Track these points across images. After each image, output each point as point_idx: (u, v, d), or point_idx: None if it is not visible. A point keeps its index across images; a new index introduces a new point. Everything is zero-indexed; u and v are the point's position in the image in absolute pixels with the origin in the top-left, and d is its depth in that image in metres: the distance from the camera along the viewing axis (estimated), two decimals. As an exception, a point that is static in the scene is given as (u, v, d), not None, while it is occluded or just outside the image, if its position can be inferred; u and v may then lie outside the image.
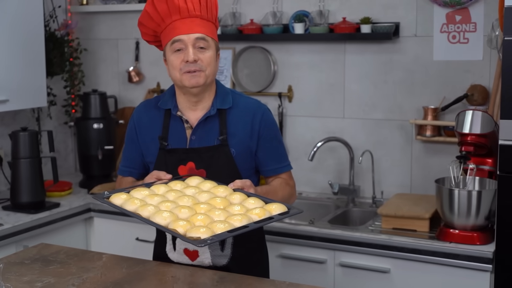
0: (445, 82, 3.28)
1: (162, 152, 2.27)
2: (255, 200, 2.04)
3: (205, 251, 2.21)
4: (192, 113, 2.28)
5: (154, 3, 2.19)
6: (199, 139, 2.26)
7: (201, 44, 2.18)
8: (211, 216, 1.93)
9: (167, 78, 3.95)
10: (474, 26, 3.21)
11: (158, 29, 2.24)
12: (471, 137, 2.82)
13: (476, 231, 2.72)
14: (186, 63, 2.17)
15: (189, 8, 2.17)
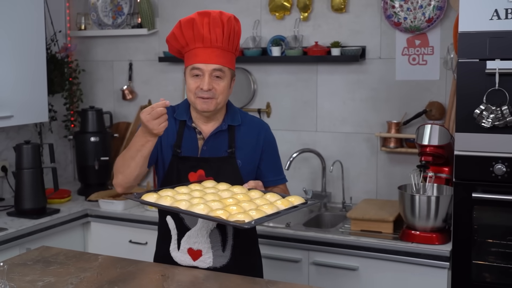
0: (406, 99, 3.30)
1: (175, 158, 2.23)
2: (272, 195, 2.06)
3: (208, 251, 2.18)
4: (205, 126, 2.26)
5: (182, 28, 2.18)
6: (210, 150, 2.24)
7: (217, 74, 2.17)
8: (242, 206, 1.93)
9: (157, 95, 3.97)
10: (431, 50, 3.24)
11: (182, 50, 2.24)
12: (429, 148, 2.84)
13: (435, 232, 2.73)
14: (201, 90, 2.16)
15: (212, 38, 2.15)
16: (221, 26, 2.16)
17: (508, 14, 2.39)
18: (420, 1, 3.20)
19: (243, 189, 2.10)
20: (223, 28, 2.16)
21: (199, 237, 2.19)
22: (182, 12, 3.83)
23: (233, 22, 2.20)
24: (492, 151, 2.47)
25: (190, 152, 2.24)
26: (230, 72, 2.22)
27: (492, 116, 2.42)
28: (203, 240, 2.18)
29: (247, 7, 3.65)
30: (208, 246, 2.19)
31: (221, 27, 2.16)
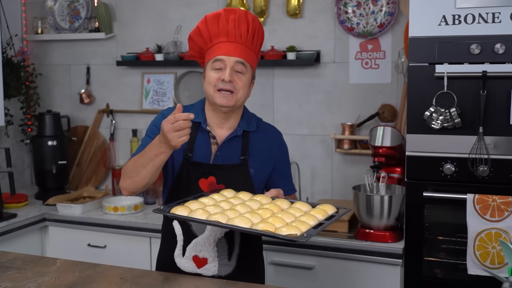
0: (360, 102, 3.35)
1: (186, 163, 2.12)
2: (301, 204, 1.96)
3: (214, 260, 2.09)
4: (219, 130, 2.16)
5: (207, 22, 2.12)
6: (223, 156, 2.13)
7: (239, 68, 2.08)
8: (282, 218, 1.81)
9: (115, 99, 3.93)
10: (383, 54, 3.29)
11: (204, 47, 2.14)
12: (382, 149, 2.88)
13: (388, 231, 2.77)
14: (221, 81, 2.06)
15: (236, 34, 2.09)
16: (246, 23, 2.11)
17: (455, 20, 2.45)
18: (372, 7, 3.25)
19: (268, 198, 2.00)
20: (248, 26, 2.11)
21: (206, 245, 2.10)
22: (140, 17, 3.80)
23: (258, 23, 2.15)
24: (441, 151, 2.52)
25: (203, 158, 2.13)
26: (251, 71, 2.15)
27: (441, 118, 2.47)
28: (210, 248, 2.09)
29: (204, 11, 3.60)
30: (214, 255, 2.10)
31: (246, 24, 2.11)
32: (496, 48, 2.39)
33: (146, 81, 3.83)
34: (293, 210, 1.90)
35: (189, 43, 2.20)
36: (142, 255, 3.18)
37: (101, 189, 3.88)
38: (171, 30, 3.71)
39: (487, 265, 2.46)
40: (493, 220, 2.44)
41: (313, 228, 1.76)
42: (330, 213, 1.92)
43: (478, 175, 2.47)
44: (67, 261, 2.17)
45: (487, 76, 2.40)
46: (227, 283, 1.98)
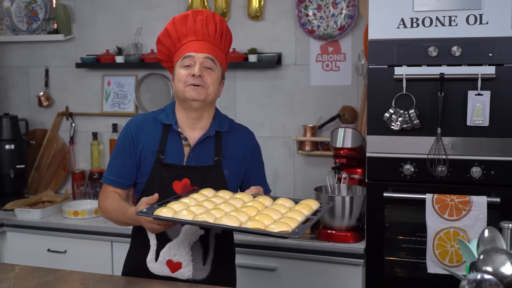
0: (321, 104, 3.37)
1: (158, 165, 2.09)
2: (284, 200, 1.94)
3: (188, 264, 2.07)
4: (191, 131, 2.14)
5: (175, 23, 2.12)
6: (196, 157, 2.11)
7: (209, 64, 2.08)
8: (269, 215, 1.78)
9: (74, 102, 3.87)
10: (343, 56, 3.32)
11: (173, 48, 2.15)
12: (343, 150, 2.91)
13: (349, 231, 2.80)
14: (191, 77, 2.05)
15: (204, 32, 2.10)
16: (214, 24, 2.12)
17: (413, 23, 2.49)
18: (332, 10, 3.28)
19: (249, 196, 1.98)
20: (216, 26, 2.12)
21: (181, 249, 2.07)
22: (100, 18, 3.75)
23: (226, 25, 2.17)
24: (401, 152, 2.56)
25: (175, 160, 2.10)
26: (221, 69, 2.14)
27: (401, 120, 2.50)
28: (184, 252, 2.07)
29: (165, 14, 3.62)
30: (189, 259, 2.07)
31: (214, 24, 2.12)
32: (453, 50, 2.44)
33: (106, 83, 3.79)
34: (277, 206, 1.88)
35: (157, 46, 2.20)
36: (104, 259, 3.13)
37: (61, 193, 3.81)
38: (132, 32, 3.67)
39: (446, 263, 2.51)
40: (452, 219, 2.49)
41: (302, 224, 1.74)
42: (315, 208, 1.91)
43: (436, 175, 2.51)
44: (26, 267, 2.13)
45: (445, 78, 2.45)
46: (190, 285, 1.96)
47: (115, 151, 2.17)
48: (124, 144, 2.13)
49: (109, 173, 2.16)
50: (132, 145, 2.12)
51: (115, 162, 2.15)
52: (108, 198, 2.12)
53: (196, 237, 2.09)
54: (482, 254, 1.32)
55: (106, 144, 3.79)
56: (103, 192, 2.17)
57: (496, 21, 2.40)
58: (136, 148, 2.12)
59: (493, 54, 2.41)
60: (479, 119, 2.43)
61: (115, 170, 2.15)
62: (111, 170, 2.16)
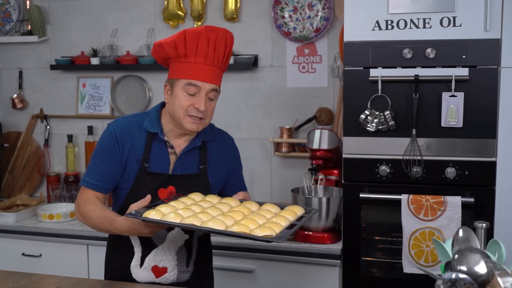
0: (297, 106, 3.38)
1: (142, 173, 2.05)
2: (270, 206, 1.98)
3: (174, 269, 2.08)
4: (177, 140, 2.10)
5: (186, 39, 1.99)
6: (182, 166, 2.09)
7: (212, 95, 2.03)
8: (254, 219, 1.83)
9: (49, 104, 3.82)
10: (320, 58, 3.34)
11: (175, 59, 2.04)
12: (320, 152, 2.92)
13: (326, 232, 2.81)
14: (194, 109, 2.00)
15: (214, 58, 2.01)
16: (224, 45, 2.03)
17: (388, 25, 2.51)
18: (308, 12, 3.29)
19: (236, 201, 2.01)
20: (225, 48, 2.04)
21: (167, 254, 2.08)
22: (74, 20, 3.72)
23: (233, 42, 2.09)
24: (377, 153, 2.58)
25: (161, 168, 2.07)
26: (219, 93, 2.11)
27: (376, 121, 2.52)
28: (170, 257, 2.08)
29: (141, 15, 3.60)
30: (174, 264, 2.09)
31: (224, 46, 2.04)
32: (427, 52, 2.47)
33: (81, 85, 3.75)
34: (263, 212, 1.92)
35: (157, 49, 2.08)
36: (79, 263, 3.10)
37: (36, 196, 3.77)
38: (107, 33, 3.65)
39: (422, 263, 2.53)
40: (427, 219, 2.51)
41: (286, 229, 1.79)
42: (299, 213, 1.95)
43: (412, 176, 2.53)
44: (0, 271, 2.10)
45: (419, 80, 2.47)
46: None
47: (96, 154, 2.09)
48: (108, 147, 2.06)
49: (89, 176, 2.08)
50: (117, 148, 2.06)
51: (97, 166, 2.07)
52: (90, 204, 2.04)
53: (181, 243, 2.10)
54: (456, 254, 1.33)
55: (81, 146, 3.75)
56: (82, 196, 2.08)
57: (469, 24, 2.43)
58: (122, 153, 2.06)
59: (466, 56, 2.44)
60: (453, 120, 2.46)
61: (96, 173, 2.07)
62: (92, 173, 2.08)
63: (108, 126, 2.12)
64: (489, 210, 2.47)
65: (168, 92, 2.07)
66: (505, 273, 1.24)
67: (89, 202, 2.05)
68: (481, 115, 2.45)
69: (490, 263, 1.28)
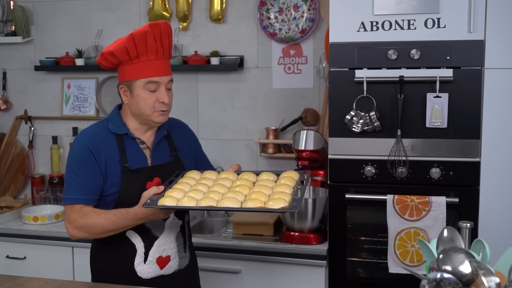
0: (283, 107, 3.38)
1: (127, 173, 2.10)
2: (268, 175, 2.13)
3: (175, 256, 2.18)
4: (145, 135, 2.20)
5: (135, 41, 2.06)
6: (157, 157, 2.20)
7: (169, 85, 2.15)
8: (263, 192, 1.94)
9: (33, 105, 3.80)
10: (305, 59, 3.34)
11: (126, 63, 2.11)
12: (306, 153, 2.92)
13: (312, 233, 2.81)
14: (160, 104, 2.10)
15: (164, 51, 2.13)
16: (167, 36, 2.14)
17: (373, 27, 2.52)
18: (294, 13, 3.30)
19: (233, 174, 2.14)
20: (168, 39, 2.15)
21: (168, 243, 2.16)
22: (59, 20, 3.69)
23: (171, 30, 2.20)
24: (362, 154, 2.59)
25: (140, 163, 2.15)
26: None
27: (362, 122, 2.53)
28: (171, 245, 2.17)
29: (126, 16, 3.59)
30: (175, 250, 2.18)
31: (168, 37, 2.14)
32: (412, 53, 2.48)
33: (66, 86, 3.73)
34: (264, 182, 2.05)
35: (105, 55, 2.12)
36: (64, 265, 3.08)
37: (20, 198, 3.74)
38: (92, 34, 3.63)
39: (407, 263, 2.54)
40: (412, 219, 2.53)
41: (295, 197, 1.90)
42: (296, 178, 2.09)
43: (397, 176, 2.55)
44: (-17, 274, 2.08)
45: (404, 81, 2.48)
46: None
47: (73, 170, 2.09)
48: (88, 162, 2.08)
49: (73, 193, 2.08)
50: (93, 158, 2.08)
51: (78, 181, 2.08)
52: (89, 214, 2.06)
53: (178, 228, 2.21)
54: (441, 254, 1.34)
55: (66, 148, 3.73)
56: (74, 213, 2.08)
57: (453, 25, 2.45)
58: (99, 161, 2.09)
59: (450, 57, 2.46)
60: (438, 121, 2.47)
61: (80, 188, 2.08)
62: (75, 189, 2.08)
63: (76, 141, 2.14)
64: (473, 210, 2.49)
65: (125, 93, 2.15)
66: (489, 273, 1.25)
67: (87, 212, 2.07)
68: (465, 116, 2.47)
69: (475, 263, 1.28)
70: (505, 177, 2.47)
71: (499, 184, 2.47)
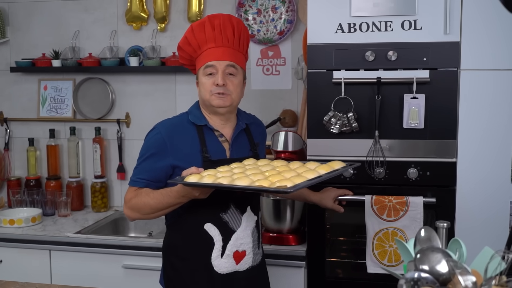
0: (262, 108, 3.39)
1: (207, 163, 2.13)
2: (311, 163, 2.09)
3: (250, 251, 2.18)
4: (223, 128, 2.24)
5: (194, 31, 2.19)
6: (236, 151, 2.23)
7: (231, 70, 2.18)
8: (284, 175, 1.91)
9: (9, 107, 3.76)
10: (283, 61, 3.35)
11: (194, 55, 2.23)
12: (284, 154, 2.93)
13: (291, 234, 2.82)
14: (216, 86, 2.15)
15: (223, 38, 2.18)
16: (231, 27, 2.19)
17: (351, 28, 2.53)
18: (272, 15, 3.30)
19: (283, 161, 2.14)
20: (233, 29, 2.20)
21: (245, 237, 2.17)
22: (35, 21, 3.65)
23: (243, 25, 2.25)
24: (340, 155, 2.59)
25: (219, 155, 2.19)
26: (242, 72, 2.25)
27: (340, 123, 2.54)
28: (248, 240, 2.18)
29: (103, 17, 3.56)
30: (251, 246, 2.19)
31: (232, 28, 2.19)
32: (389, 55, 2.50)
33: (43, 88, 3.69)
34: (299, 168, 2.04)
35: (178, 52, 2.28)
36: (42, 268, 3.04)
37: (-4, 201, 3.69)
38: (69, 35, 3.60)
39: (385, 263, 2.56)
40: (390, 219, 2.54)
41: (308, 180, 1.88)
42: (336, 167, 2.07)
43: (375, 177, 2.56)
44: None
45: (381, 82, 2.50)
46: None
47: (141, 154, 2.20)
48: (159, 149, 2.15)
49: (136, 175, 2.18)
50: (165, 147, 2.14)
51: (146, 166, 2.17)
52: (140, 194, 2.13)
53: (253, 223, 2.22)
54: (419, 253, 1.35)
55: (43, 150, 3.69)
56: (130, 193, 2.17)
57: (429, 27, 2.47)
58: (172, 151, 2.14)
59: (427, 59, 2.48)
60: (415, 122, 2.49)
61: (145, 173, 2.16)
62: (138, 172, 2.18)
63: (153, 128, 2.23)
64: (450, 210, 2.52)
65: (197, 84, 2.25)
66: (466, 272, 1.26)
67: (140, 193, 2.14)
68: (442, 117, 2.50)
69: (451, 262, 1.30)
70: (481, 177, 2.50)
71: (475, 184, 2.50)
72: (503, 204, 2.48)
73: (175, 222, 2.22)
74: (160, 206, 2.09)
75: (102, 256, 2.95)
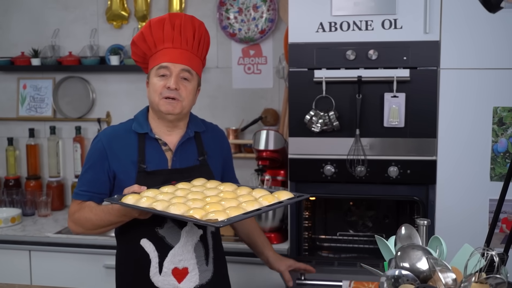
0: (243, 107, 3.38)
1: (142, 174, 2.02)
2: (258, 191, 1.94)
3: (194, 268, 2.02)
4: (168, 136, 2.09)
5: (151, 27, 2.04)
6: (180, 160, 2.08)
7: (185, 75, 2.03)
8: (223, 204, 1.78)
9: (-12, 106, 3.71)
10: (265, 59, 3.35)
11: (148, 52, 2.07)
12: (266, 153, 2.93)
13: (273, 232, 2.82)
14: (167, 89, 2.00)
15: (182, 40, 2.04)
16: (192, 29, 2.06)
17: (331, 27, 2.54)
18: (253, 13, 3.30)
19: (232, 185, 1.99)
20: (194, 32, 2.07)
21: (185, 253, 2.01)
22: (13, 19, 3.61)
23: (204, 29, 2.11)
24: (322, 153, 2.60)
25: (159, 166, 2.05)
26: (197, 78, 2.10)
27: (321, 122, 2.55)
28: (188, 256, 2.02)
29: (83, 15, 3.53)
30: (194, 262, 2.02)
31: (193, 30, 2.06)
32: (369, 54, 2.51)
33: (22, 86, 3.65)
34: (243, 197, 1.89)
35: (132, 48, 2.12)
36: (21, 269, 3.01)
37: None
38: (49, 33, 3.56)
39: (366, 260, 2.57)
40: (371, 217, 2.55)
41: (243, 214, 1.74)
42: (282, 199, 1.90)
43: (356, 175, 2.57)
44: None
45: (362, 81, 2.51)
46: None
47: (84, 165, 2.10)
48: (98, 159, 2.06)
49: (78, 187, 2.09)
50: (105, 157, 2.05)
51: (87, 177, 2.07)
52: (83, 208, 2.04)
53: (197, 238, 2.05)
54: (399, 251, 1.36)
55: (22, 149, 3.65)
56: (74, 206, 2.08)
57: (409, 26, 2.48)
58: (112, 161, 2.04)
59: (407, 58, 2.49)
60: (395, 120, 2.51)
61: (87, 185, 2.07)
62: (82, 185, 2.08)
63: (97, 135, 2.13)
64: (430, 208, 2.54)
65: (147, 84, 2.10)
66: (446, 269, 1.27)
67: (83, 207, 2.05)
68: (422, 115, 2.51)
69: (432, 259, 1.31)
70: (461, 175, 2.52)
71: (455, 182, 2.52)
72: (482, 201, 2.51)
73: (117, 235, 2.13)
74: (101, 224, 1.99)
75: (83, 256, 2.92)
